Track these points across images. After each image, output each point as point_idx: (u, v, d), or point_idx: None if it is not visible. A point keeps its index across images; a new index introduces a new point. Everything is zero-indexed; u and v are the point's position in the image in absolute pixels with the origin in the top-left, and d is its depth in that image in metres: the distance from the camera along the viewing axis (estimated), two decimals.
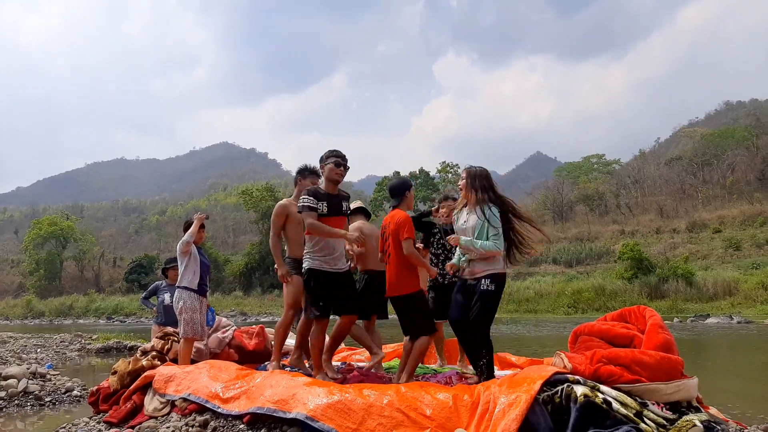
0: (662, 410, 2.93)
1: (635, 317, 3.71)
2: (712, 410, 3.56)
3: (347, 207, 4.25)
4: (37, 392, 6.22)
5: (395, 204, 4.18)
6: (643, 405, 2.91)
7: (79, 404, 6.12)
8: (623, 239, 35.91)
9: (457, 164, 48.00)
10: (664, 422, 2.84)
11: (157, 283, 7.05)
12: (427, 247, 4.95)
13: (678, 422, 2.85)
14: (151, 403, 4.28)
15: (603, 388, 2.93)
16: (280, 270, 4.44)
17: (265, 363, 5.24)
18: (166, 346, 5.17)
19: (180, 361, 4.84)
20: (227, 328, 5.68)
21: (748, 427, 3.82)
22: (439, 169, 48.23)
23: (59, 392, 6.41)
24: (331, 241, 4.04)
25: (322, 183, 4.18)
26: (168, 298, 6.43)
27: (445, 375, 4.37)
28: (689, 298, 24.99)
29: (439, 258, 4.90)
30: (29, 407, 5.97)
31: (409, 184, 4.33)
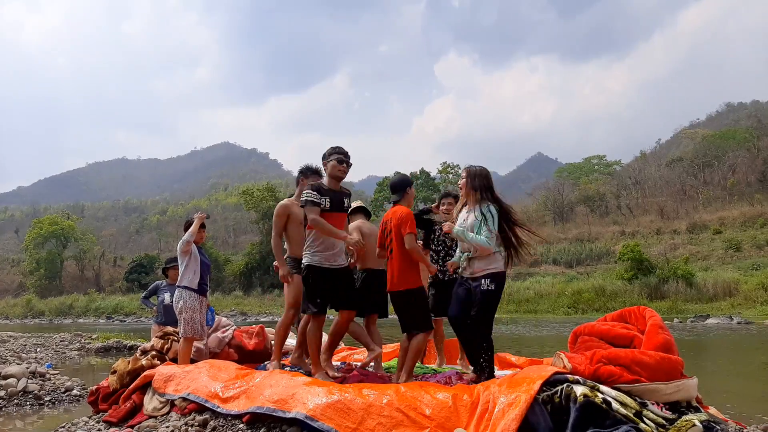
0: (662, 410, 2.92)
1: (635, 318, 3.71)
2: (712, 410, 3.56)
3: (349, 204, 4.28)
4: (36, 391, 6.22)
5: (396, 200, 4.21)
6: (643, 405, 2.91)
7: (79, 404, 6.12)
8: (624, 240, 35.91)
9: (458, 165, 48.05)
10: (664, 422, 2.84)
11: (157, 282, 7.05)
12: (427, 247, 4.95)
13: (677, 422, 2.85)
14: (150, 403, 4.28)
15: (603, 388, 2.93)
16: (282, 270, 4.44)
17: (265, 362, 5.24)
18: (166, 346, 5.17)
19: (180, 360, 4.84)
20: (227, 328, 5.68)
21: (748, 427, 3.82)
22: (440, 169, 48.28)
23: (59, 391, 6.41)
24: (330, 229, 4.03)
25: (325, 181, 4.20)
26: (168, 297, 6.43)
27: (444, 375, 4.36)
28: (689, 299, 25.01)
29: (440, 255, 4.91)
30: (29, 406, 5.98)
31: (410, 181, 4.38)
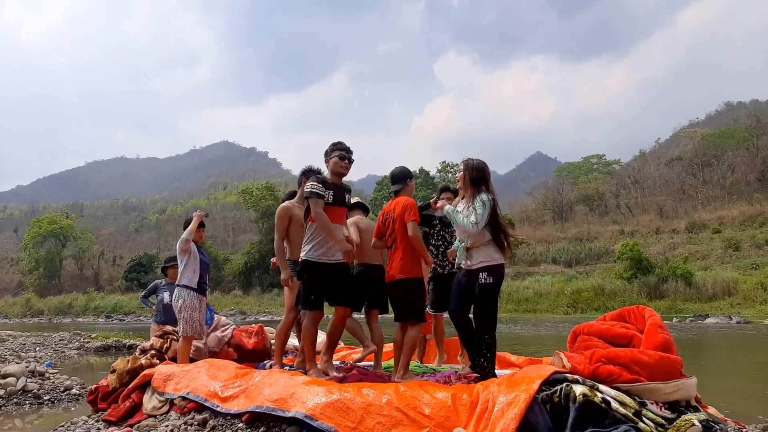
0: (661, 410, 2.92)
1: (634, 317, 3.71)
2: (711, 410, 3.56)
3: (349, 199, 4.29)
4: (35, 390, 6.21)
5: (397, 190, 4.24)
6: (642, 404, 2.91)
7: (78, 403, 6.11)
8: (623, 239, 35.94)
9: (458, 164, 47.92)
10: (663, 422, 2.84)
11: (156, 281, 7.05)
12: (426, 242, 4.95)
13: (677, 422, 2.85)
14: (149, 402, 4.28)
15: (602, 387, 2.93)
16: (284, 273, 4.43)
17: (264, 362, 5.25)
18: (165, 345, 5.17)
19: (179, 359, 4.84)
20: (226, 327, 5.68)
21: (747, 427, 3.82)
22: (440, 168, 48.20)
23: (58, 391, 6.41)
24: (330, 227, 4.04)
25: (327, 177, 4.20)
26: (167, 296, 6.43)
27: (444, 374, 4.36)
28: (688, 299, 25.04)
29: (440, 249, 4.91)
30: (28, 405, 5.97)
31: (411, 173, 4.41)
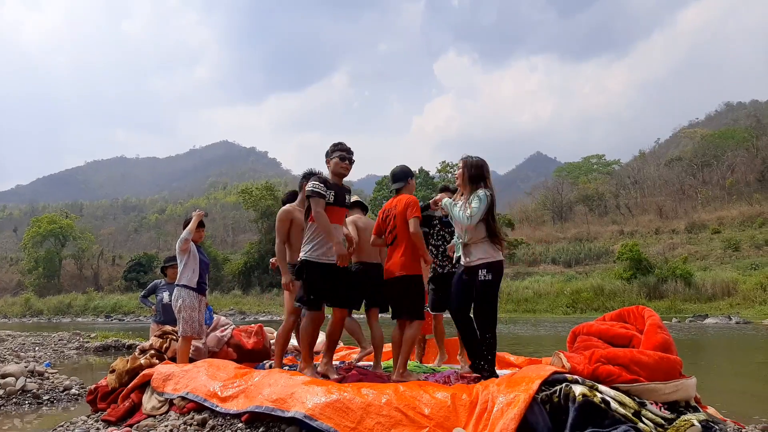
0: (660, 410, 2.93)
1: (634, 317, 3.71)
2: (711, 410, 3.56)
3: (349, 200, 4.31)
4: (35, 390, 6.21)
5: (398, 188, 4.26)
6: (642, 405, 2.91)
7: (77, 403, 6.10)
8: (622, 239, 35.99)
9: (457, 163, 47.85)
10: (662, 422, 2.84)
11: (156, 281, 7.05)
12: (426, 243, 4.95)
13: (676, 422, 2.85)
14: (149, 402, 4.27)
15: (601, 387, 2.94)
16: (285, 278, 4.43)
17: (264, 362, 5.24)
18: (165, 345, 5.17)
19: (178, 359, 4.84)
20: (226, 327, 5.67)
21: (746, 427, 3.82)
22: (439, 168, 48.20)
23: (57, 390, 6.40)
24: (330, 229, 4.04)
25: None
26: (167, 296, 6.43)
27: (443, 374, 4.36)
28: (688, 299, 25.06)
29: (439, 250, 4.91)
30: (27, 405, 5.96)
31: (412, 172, 4.43)
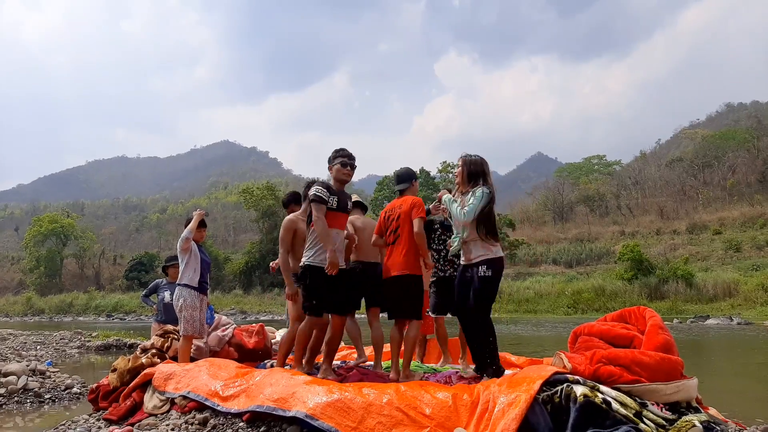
0: (662, 410, 2.93)
1: (635, 318, 3.71)
2: (712, 411, 3.56)
3: (350, 205, 4.35)
4: (36, 389, 6.22)
5: (402, 189, 4.31)
6: (643, 405, 2.91)
7: (79, 401, 6.11)
8: (623, 240, 35.97)
9: (457, 163, 47.84)
10: (664, 422, 2.84)
11: (157, 280, 7.07)
12: (428, 247, 4.95)
13: (677, 422, 2.85)
14: (150, 401, 4.28)
15: (603, 388, 2.94)
16: (289, 288, 4.45)
17: (265, 361, 5.25)
18: (166, 344, 5.17)
19: (180, 359, 4.84)
20: (227, 327, 5.68)
21: (748, 428, 3.82)
22: (440, 168, 48.16)
23: (59, 389, 6.41)
24: (332, 235, 4.06)
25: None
26: (168, 295, 6.44)
27: (444, 374, 4.37)
28: (689, 300, 25.03)
29: (440, 254, 4.90)
30: (29, 404, 5.97)
31: (416, 174, 4.48)
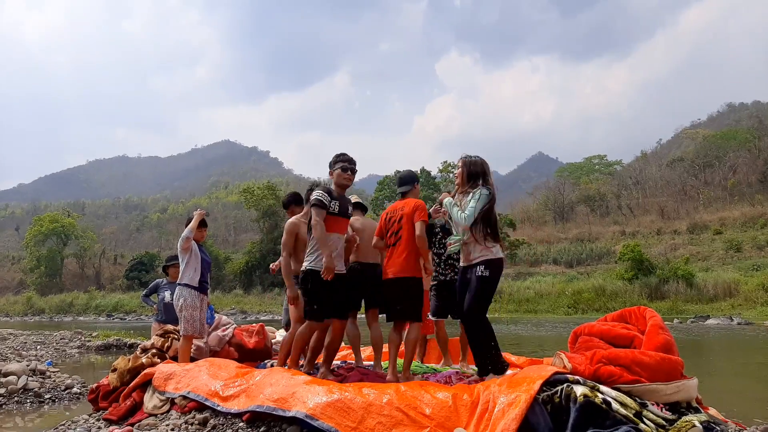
0: (662, 411, 2.92)
1: (635, 318, 3.71)
2: (712, 411, 3.56)
3: (351, 210, 4.37)
4: (36, 389, 6.22)
5: (405, 191, 4.33)
6: (643, 405, 2.91)
7: (79, 401, 6.11)
8: (624, 240, 35.96)
9: (457, 164, 47.82)
10: (664, 423, 2.84)
11: (157, 280, 7.06)
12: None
13: (677, 423, 2.85)
14: (150, 401, 4.28)
15: (603, 388, 2.93)
16: (290, 291, 4.45)
17: (265, 361, 5.25)
18: (166, 344, 5.17)
19: (180, 358, 4.85)
20: (227, 327, 5.68)
21: (747, 428, 3.81)
22: (441, 168, 48.16)
23: (59, 389, 6.41)
24: (333, 239, 4.07)
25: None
26: (168, 295, 6.44)
27: (444, 374, 4.37)
28: (689, 300, 25.02)
29: (441, 258, 4.90)
30: (29, 404, 5.98)
31: (418, 177, 4.53)
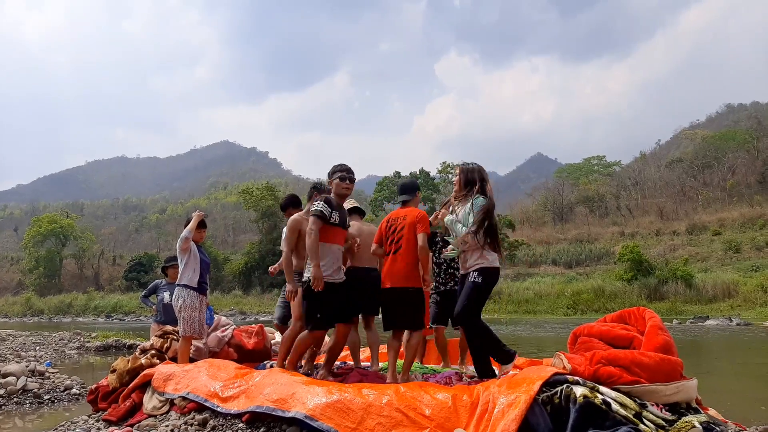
0: (661, 411, 2.93)
1: (635, 318, 3.71)
2: (711, 411, 3.56)
3: (349, 221, 4.40)
4: (36, 390, 6.21)
5: (406, 200, 4.30)
6: (643, 406, 2.91)
7: (78, 402, 6.11)
8: (623, 241, 35.95)
9: (454, 171, 47.84)
10: (664, 423, 2.84)
11: (156, 281, 7.06)
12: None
13: (677, 423, 2.85)
14: (150, 402, 4.28)
15: (602, 389, 2.93)
16: (290, 285, 4.46)
17: (265, 362, 5.24)
18: (165, 345, 5.17)
19: (179, 359, 4.84)
20: (226, 327, 5.68)
21: (747, 429, 3.82)
22: (440, 169, 48.14)
23: (58, 390, 6.41)
24: (334, 250, 4.11)
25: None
26: (167, 296, 6.43)
27: (444, 375, 4.37)
28: (688, 300, 25.01)
29: (441, 268, 4.90)
30: (28, 405, 5.97)
31: (419, 186, 4.52)
